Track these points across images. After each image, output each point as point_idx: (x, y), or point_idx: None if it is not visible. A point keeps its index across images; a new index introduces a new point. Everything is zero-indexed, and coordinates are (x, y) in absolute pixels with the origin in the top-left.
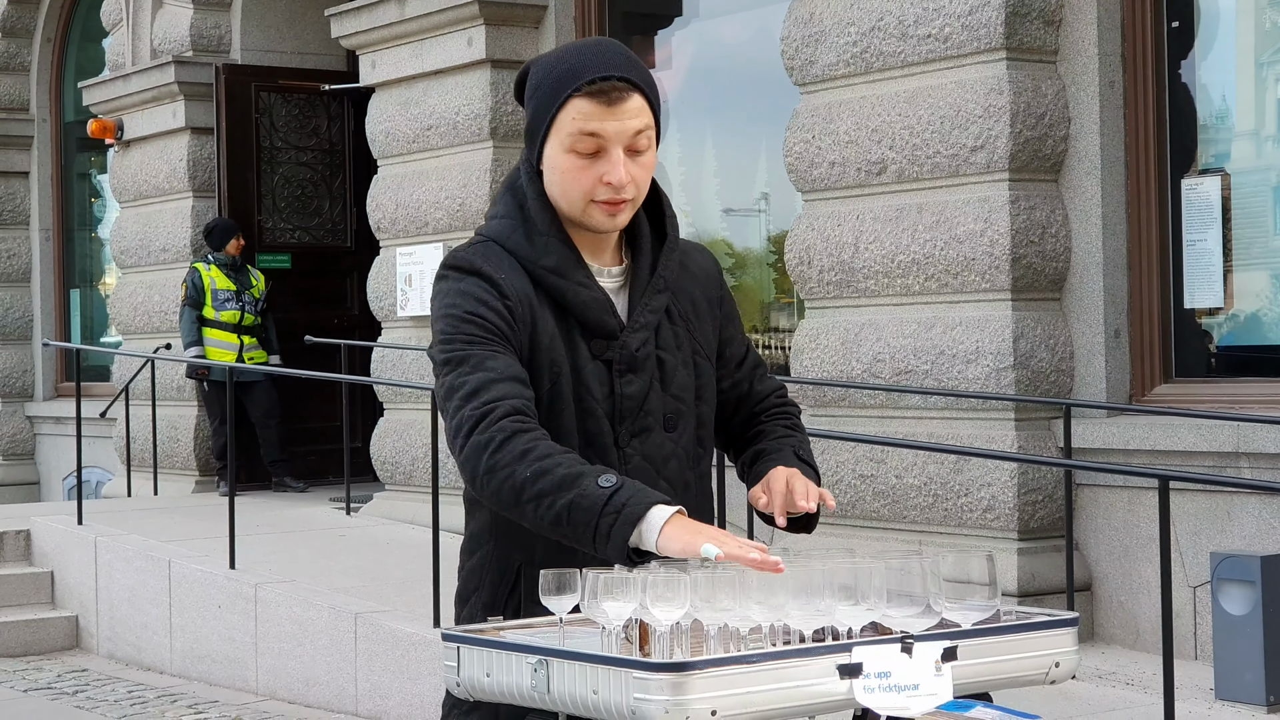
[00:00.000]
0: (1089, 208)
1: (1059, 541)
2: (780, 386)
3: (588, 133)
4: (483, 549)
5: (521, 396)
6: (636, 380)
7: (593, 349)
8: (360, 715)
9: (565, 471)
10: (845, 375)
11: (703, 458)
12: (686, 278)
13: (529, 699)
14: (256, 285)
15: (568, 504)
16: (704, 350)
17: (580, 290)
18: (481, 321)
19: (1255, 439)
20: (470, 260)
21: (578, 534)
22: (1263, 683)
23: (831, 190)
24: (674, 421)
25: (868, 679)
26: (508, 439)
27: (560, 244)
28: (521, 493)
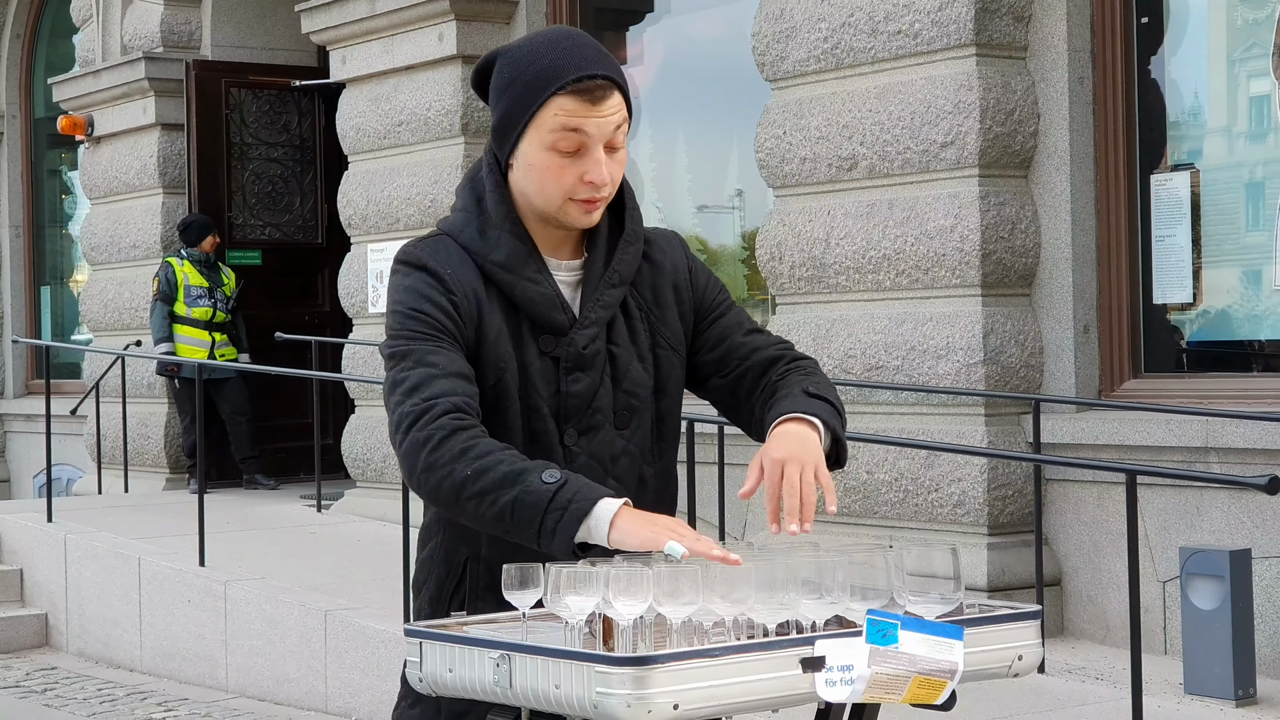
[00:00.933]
0: (1058, 204)
1: (1028, 536)
2: (781, 341)
3: (571, 129)
4: (432, 541)
5: (462, 393)
6: (584, 378)
7: (541, 345)
8: (330, 712)
9: (507, 469)
10: None
11: (665, 452)
12: (649, 268)
13: (491, 694)
14: (228, 283)
15: (511, 501)
16: (667, 342)
17: (529, 286)
18: (425, 317)
19: (1224, 434)
20: (419, 255)
21: (522, 531)
22: (1231, 677)
23: (803, 186)
24: (626, 418)
25: (830, 672)
26: (447, 436)
27: (512, 238)
28: (461, 491)
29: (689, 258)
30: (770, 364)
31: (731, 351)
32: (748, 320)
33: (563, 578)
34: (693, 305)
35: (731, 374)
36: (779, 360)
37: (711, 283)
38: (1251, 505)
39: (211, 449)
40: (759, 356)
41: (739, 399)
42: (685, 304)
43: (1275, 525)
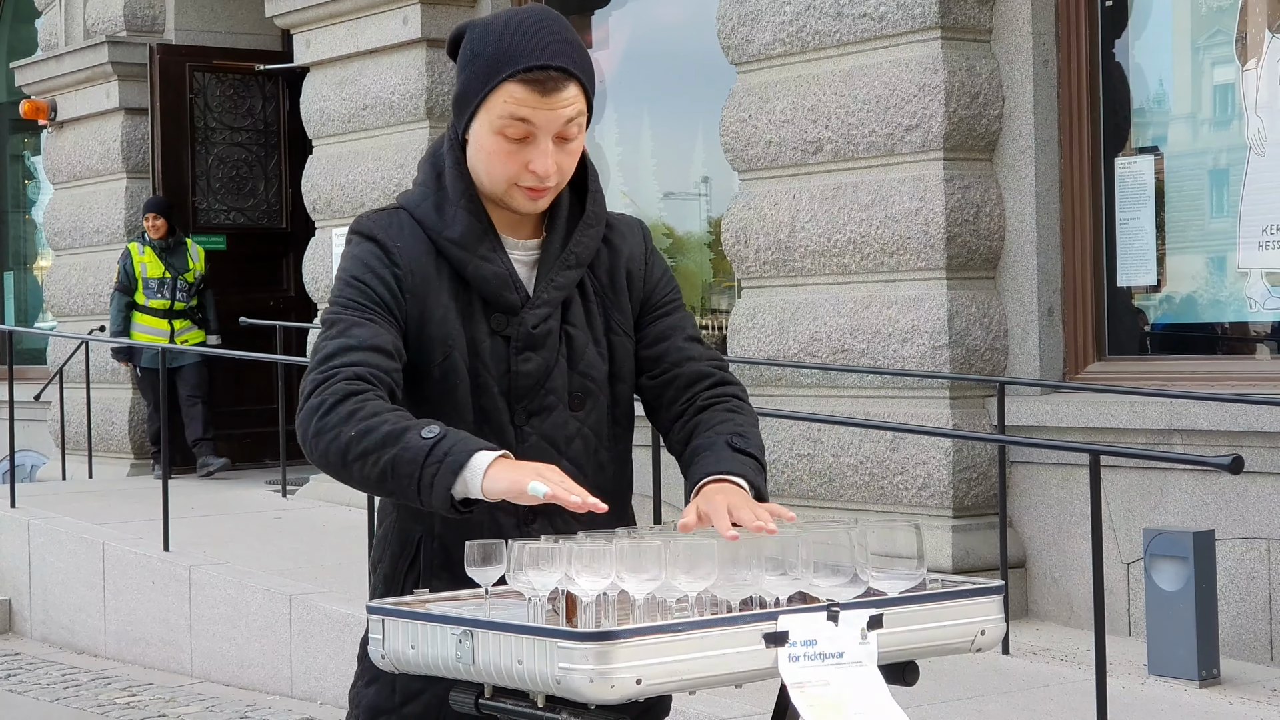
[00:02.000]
0: (1023, 186)
1: (993, 519)
2: (716, 358)
3: (519, 119)
4: (388, 520)
5: (370, 364)
6: (535, 358)
7: (492, 324)
8: (295, 696)
9: (389, 428)
10: (782, 354)
11: (620, 437)
12: (607, 252)
13: (454, 670)
14: (195, 266)
15: (391, 459)
16: (619, 327)
17: (481, 264)
18: (363, 287)
19: (1188, 416)
20: (369, 227)
21: (402, 488)
22: (1195, 658)
23: (768, 170)
24: (580, 400)
25: (793, 647)
26: (338, 402)
27: (468, 215)
28: (347, 453)
29: (648, 248)
30: (698, 379)
31: (666, 354)
32: (691, 326)
33: (525, 554)
34: (641, 295)
35: (660, 377)
36: (707, 378)
37: (665, 279)
38: (1215, 487)
39: (177, 435)
40: (690, 368)
41: (662, 404)
42: (636, 291)
43: (1239, 507)
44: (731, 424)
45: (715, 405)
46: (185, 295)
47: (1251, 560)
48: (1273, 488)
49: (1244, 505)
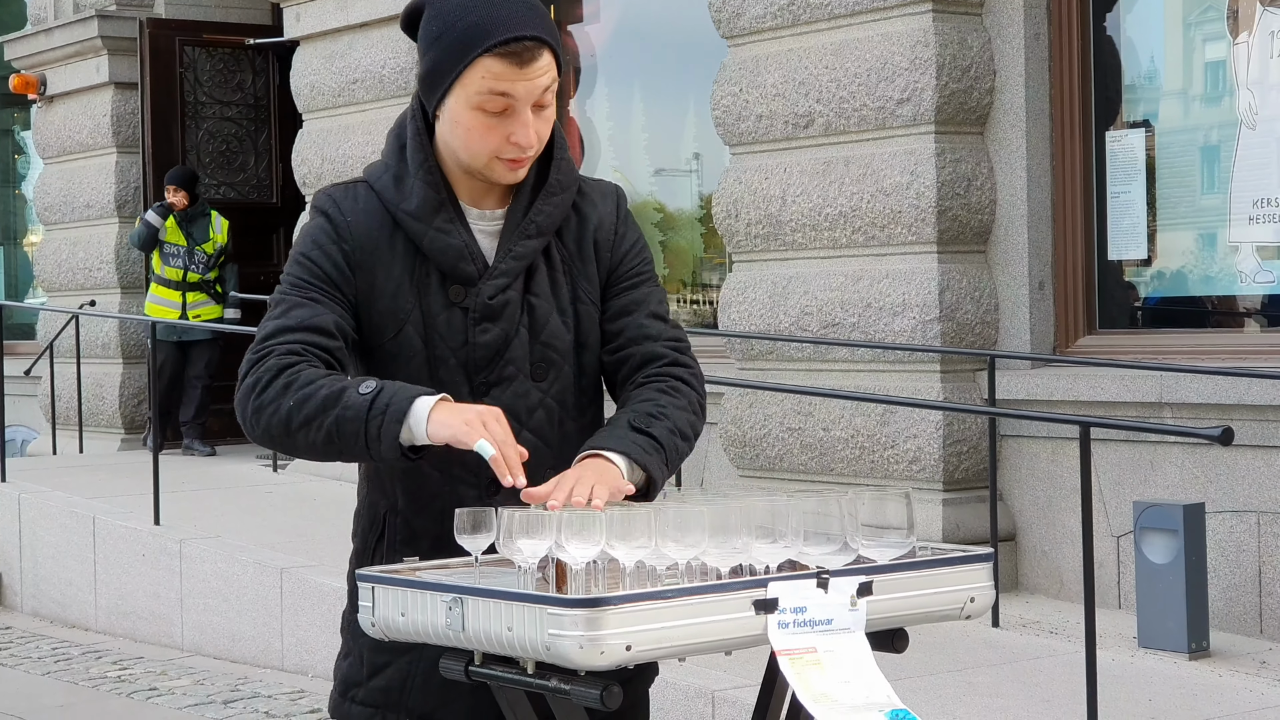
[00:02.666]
0: (1014, 160)
1: (983, 492)
2: (676, 338)
3: (498, 93)
4: (361, 494)
5: (306, 342)
6: (494, 328)
7: (450, 296)
8: (286, 669)
9: (326, 392)
10: (773, 328)
11: (588, 407)
12: (576, 220)
13: (444, 637)
14: (215, 237)
15: (335, 420)
16: (587, 296)
17: (438, 236)
18: (309, 265)
19: (1178, 389)
20: (323, 201)
21: (350, 446)
22: (1185, 631)
23: (759, 144)
24: (543, 370)
25: (783, 614)
26: (273, 377)
27: (425, 187)
28: (289, 423)
29: (620, 217)
30: (652, 359)
31: (626, 329)
32: (657, 302)
33: (515, 522)
34: (609, 264)
35: (617, 354)
36: (660, 359)
37: (635, 250)
38: (1205, 460)
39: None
40: (646, 347)
41: (617, 380)
42: (603, 261)
43: (1229, 480)
44: (652, 404)
45: (651, 383)
46: (201, 267)
47: (1241, 533)
48: (1263, 460)
49: (1234, 478)
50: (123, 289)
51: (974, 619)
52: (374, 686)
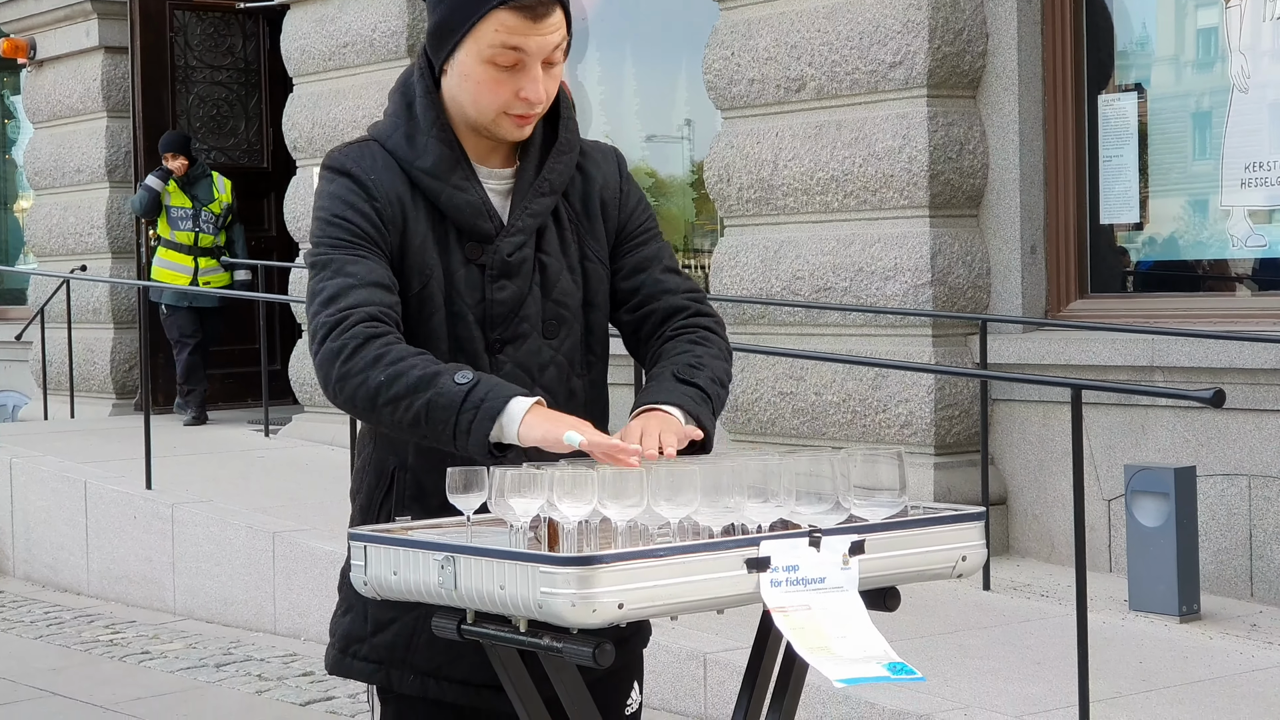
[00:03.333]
0: (1006, 124)
1: (974, 456)
2: (694, 289)
3: (510, 47)
4: (365, 451)
5: (378, 303)
6: (510, 285)
7: (467, 253)
8: (279, 633)
9: (420, 373)
10: (764, 293)
11: (594, 365)
12: (581, 180)
13: (436, 595)
14: (220, 197)
15: (425, 404)
16: (594, 255)
17: (455, 193)
18: (347, 224)
19: (1170, 353)
20: (342, 161)
21: (437, 433)
22: (1175, 594)
23: (751, 108)
24: (554, 328)
25: (775, 573)
26: (360, 345)
27: (439, 144)
28: (377, 398)
29: (623, 176)
30: (675, 312)
31: (643, 286)
32: (669, 257)
33: (507, 480)
34: (617, 224)
35: (638, 311)
36: (683, 311)
37: (641, 207)
38: (1197, 423)
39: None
40: (667, 301)
41: (639, 338)
42: (611, 220)
43: (1220, 443)
44: (689, 355)
45: (680, 336)
46: (211, 228)
47: (1232, 496)
48: (1254, 424)
49: (1225, 441)
50: (114, 254)
51: (965, 578)
52: (378, 642)
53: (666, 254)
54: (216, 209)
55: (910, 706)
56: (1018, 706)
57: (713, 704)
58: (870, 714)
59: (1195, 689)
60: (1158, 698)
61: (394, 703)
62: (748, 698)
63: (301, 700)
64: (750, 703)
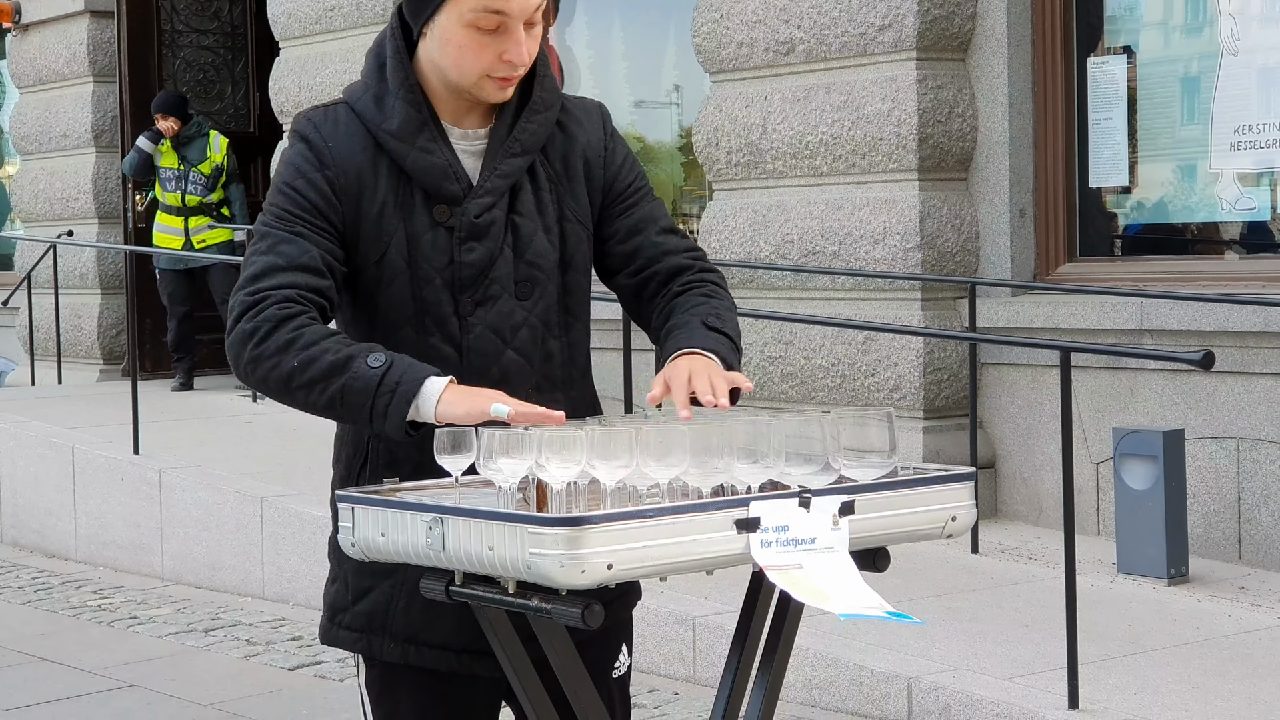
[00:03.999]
0: (995, 87)
1: (963, 420)
2: (693, 248)
3: (492, 10)
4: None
5: (301, 285)
6: (479, 248)
7: (435, 215)
8: (267, 598)
9: (333, 358)
10: (753, 257)
11: (572, 325)
12: (562, 138)
13: (424, 557)
14: (213, 157)
15: (340, 389)
16: (573, 215)
17: (420, 155)
18: (294, 195)
19: (1158, 316)
20: (304, 126)
21: (354, 416)
22: (1164, 556)
23: (739, 71)
24: (527, 289)
25: (765, 533)
26: (273, 328)
27: (406, 106)
28: (290, 381)
29: (608, 133)
30: (677, 272)
31: (642, 249)
32: (664, 216)
33: (495, 441)
34: (604, 183)
35: (639, 274)
36: (686, 270)
37: (629, 165)
38: (1185, 386)
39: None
40: (669, 262)
41: (642, 300)
42: (595, 180)
43: (1209, 406)
44: (708, 306)
45: (690, 290)
46: (199, 189)
47: (1221, 459)
48: (1242, 387)
49: (1214, 405)
50: (100, 219)
51: (955, 538)
52: (358, 611)
53: (661, 213)
54: (206, 169)
55: (899, 669)
56: (1006, 668)
57: (701, 666)
58: (859, 676)
59: (1183, 651)
60: (1146, 660)
61: (379, 669)
62: (737, 659)
63: (290, 665)
64: (740, 664)
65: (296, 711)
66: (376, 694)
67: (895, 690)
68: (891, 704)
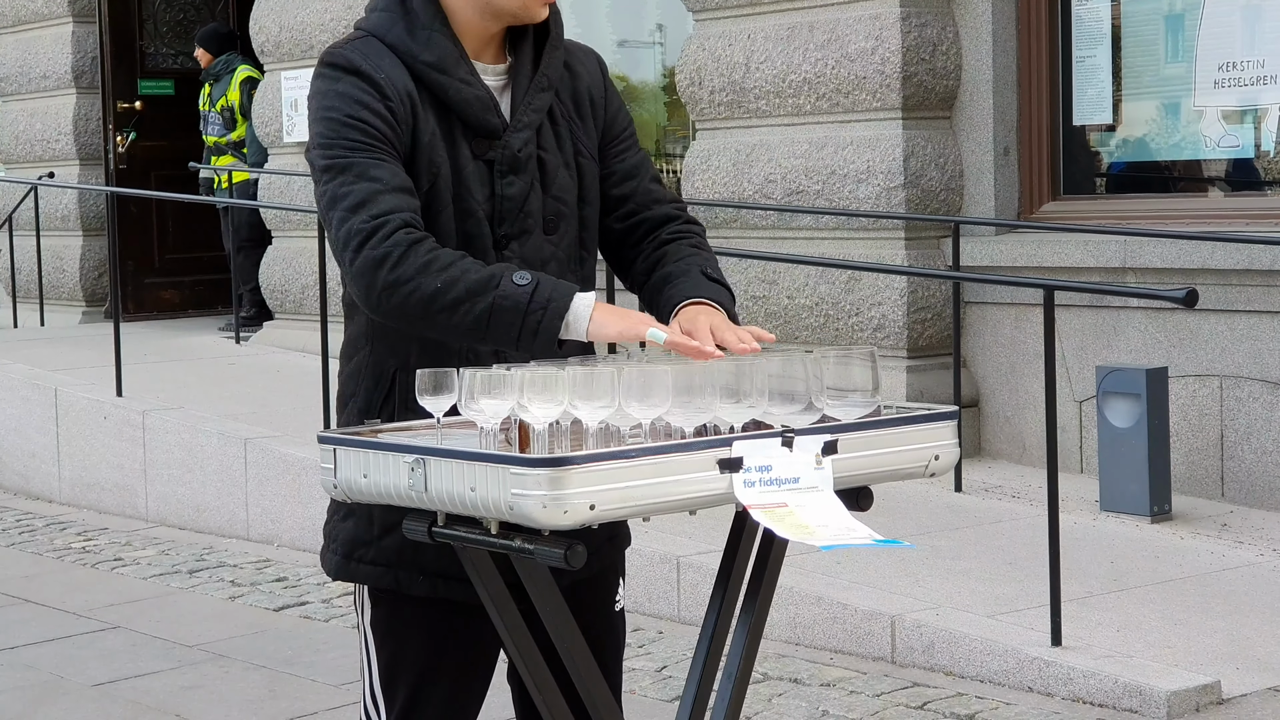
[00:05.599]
0: (979, 25)
1: (947, 359)
2: (678, 200)
3: None
4: (360, 353)
5: (410, 208)
6: (518, 181)
7: (474, 149)
8: (251, 539)
9: (476, 276)
10: (736, 196)
11: (586, 260)
12: (569, 76)
13: (406, 498)
14: (229, 94)
15: (488, 307)
16: (586, 151)
17: (463, 87)
18: (363, 126)
19: (1142, 254)
20: (348, 58)
21: (500, 335)
22: (1147, 494)
23: (722, 9)
24: (554, 224)
25: (748, 473)
26: (405, 252)
27: (443, 38)
28: (432, 303)
29: (604, 75)
30: (665, 221)
31: (634, 195)
32: (651, 166)
33: (477, 382)
34: (603, 123)
35: (629, 220)
36: (674, 220)
37: (623, 112)
38: (1169, 325)
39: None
40: (657, 211)
41: (625, 245)
42: (599, 119)
43: (1192, 344)
44: (700, 257)
45: (680, 240)
46: (217, 128)
47: (1204, 397)
48: (1226, 325)
49: (1197, 342)
50: (82, 160)
51: (938, 477)
52: (386, 545)
53: (649, 163)
54: (219, 107)
55: (883, 607)
56: (989, 606)
57: (685, 606)
58: (843, 614)
59: (1167, 588)
60: (1129, 597)
61: (386, 603)
62: (720, 598)
63: (275, 605)
64: (723, 603)
65: (282, 651)
66: (382, 634)
67: (879, 628)
68: (875, 642)
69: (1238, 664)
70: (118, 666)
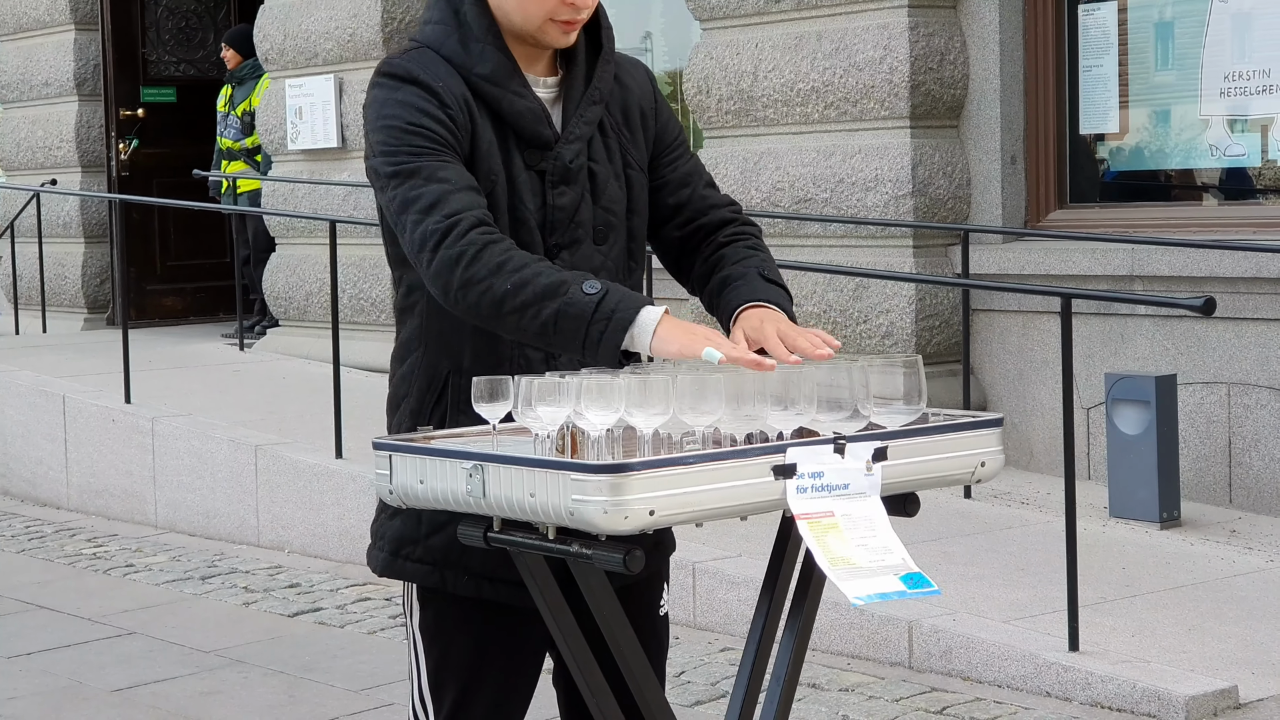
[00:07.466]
0: (987, 34)
1: (955, 366)
2: (734, 203)
3: None
4: (412, 356)
5: (481, 206)
6: (569, 192)
7: (527, 159)
8: (262, 545)
9: (546, 281)
10: (745, 204)
11: (634, 270)
12: (619, 89)
13: (464, 504)
14: (252, 99)
15: (554, 313)
16: (636, 163)
17: (516, 100)
18: (426, 132)
19: (1150, 262)
20: (407, 68)
21: (566, 341)
22: (1156, 500)
23: (730, 18)
24: (604, 234)
25: (800, 479)
26: (480, 251)
27: (496, 51)
28: (502, 304)
29: (654, 86)
30: (722, 225)
31: (690, 202)
32: (705, 170)
33: (534, 389)
34: (654, 134)
35: (687, 227)
36: (731, 223)
37: (673, 121)
38: (1176, 332)
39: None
40: (715, 215)
41: (685, 251)
42: (649, 130)
43: (1200, 352)
44: (757, 258)
45: (736, 242)
46: (233, 133)
47: (1212, 404)
48: (1234, 332)
49: (1205, 350)
50: (84, 168)
51: (984, 483)
52: (433, 544)
53: (703, 168)
54: (239, 112)
55: (899, 612)
56: (1004, 611)
57: (701, 611)
58: (859, 619)
59: (1179, 594)
60: (1141, 602)
61: (434, 605)
62: (767, 604)
63: (289, 611)
64: (769, 611)
65: (299, 657)
66: (430, 637)
67: (896, 634)
68: (892, 647)
69: (1253, 669)
70: (136, 672)
